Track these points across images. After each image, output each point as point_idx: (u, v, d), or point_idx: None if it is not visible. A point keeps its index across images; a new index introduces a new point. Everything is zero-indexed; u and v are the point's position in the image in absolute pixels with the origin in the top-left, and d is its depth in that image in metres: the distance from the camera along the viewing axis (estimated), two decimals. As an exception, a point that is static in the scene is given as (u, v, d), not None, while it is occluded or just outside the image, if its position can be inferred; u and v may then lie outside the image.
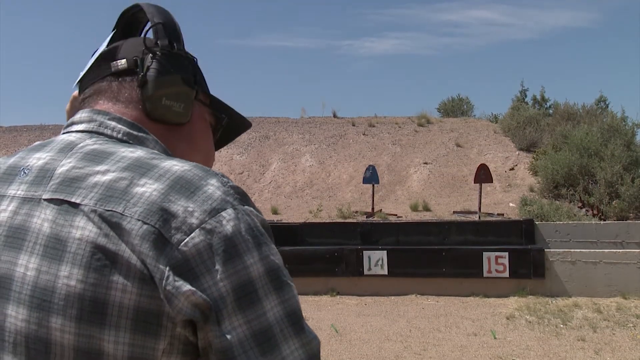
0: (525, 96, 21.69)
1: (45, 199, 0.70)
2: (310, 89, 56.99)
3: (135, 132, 0.78)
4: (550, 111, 19.29)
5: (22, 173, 0.75)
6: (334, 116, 18.68)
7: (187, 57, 0.85)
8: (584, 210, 11.74)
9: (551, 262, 7.83)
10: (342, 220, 11.45)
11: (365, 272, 8.24)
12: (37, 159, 0.75)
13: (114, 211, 0.65)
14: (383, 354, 5.52)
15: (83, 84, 0.85)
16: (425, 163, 15.12)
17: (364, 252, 8.30)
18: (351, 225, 9.98)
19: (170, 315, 0.63)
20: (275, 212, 12.75)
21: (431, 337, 6.08)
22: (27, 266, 0.67)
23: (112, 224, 0.64)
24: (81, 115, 0.81)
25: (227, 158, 15.89)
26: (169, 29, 0.83)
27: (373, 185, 12.35)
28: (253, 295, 0.64)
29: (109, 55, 0.83)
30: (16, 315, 0.67)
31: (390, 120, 18.11)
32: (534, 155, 14.17)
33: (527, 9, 53.97)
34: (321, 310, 7.33)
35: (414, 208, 12.48)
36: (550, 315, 6.80)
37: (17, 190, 0.73)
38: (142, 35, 0.83)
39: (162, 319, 0.63)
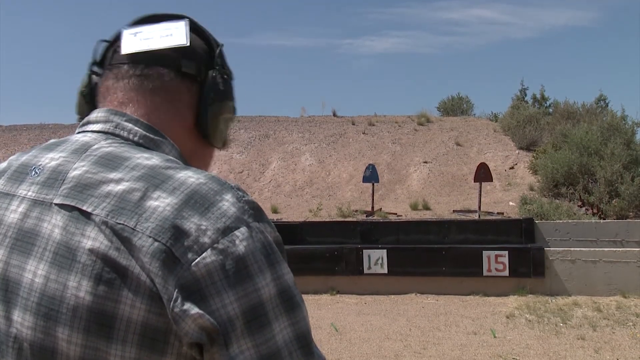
0: (525, 95, 21.66)
1: (56, 204, 0.68)
2: (310, 88, 56.99)
3: (151, 136, 0.76)
4: (550, 110, 19.25)
5: (34, 172, 0.73)
6: (334, 115, 18.66)
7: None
8: (583, 209, 11.74)
9: (551, 260, 7.84)
10: (342, 219, 11.45)
11: (365, 271, 8.24)
12: (50, 159, 0.73)
13: (126, 225, 0.63)
14: (383, 353, 5.53)
15: (135, 57, 0.79)
16: (425, 162, 15.12)
17: (364, 251, 8.30)
18: (351, 224, 9.98)
19: (178, 334, 0.62)
20: (275, 211, 12.75)
21: (431, 336, 6.08)
22: (35, 272, 0.66)
23: (123, 238, 0.63)
24: (97, 114, 0.78)
25: (227, 157, 15.85)
26: (223, 55, 0.84)
27: (373, 184, 12.35)
28: (263, 319, 0.63)
29: (184, 52, 0.79)
30: (22, 322, 0.66)
31: (390, 119, 18.10)
32: (534, 154, 14.16)
33: (527, 7, 54.02)
34: (321, 309, 7.33)
35: (414, 207, 12.48)
36: (550, 314, 6.81)
37: (27, 191, 0.72)
38: (216, 55, 0.82)
39: (169, 337, 0.63)
